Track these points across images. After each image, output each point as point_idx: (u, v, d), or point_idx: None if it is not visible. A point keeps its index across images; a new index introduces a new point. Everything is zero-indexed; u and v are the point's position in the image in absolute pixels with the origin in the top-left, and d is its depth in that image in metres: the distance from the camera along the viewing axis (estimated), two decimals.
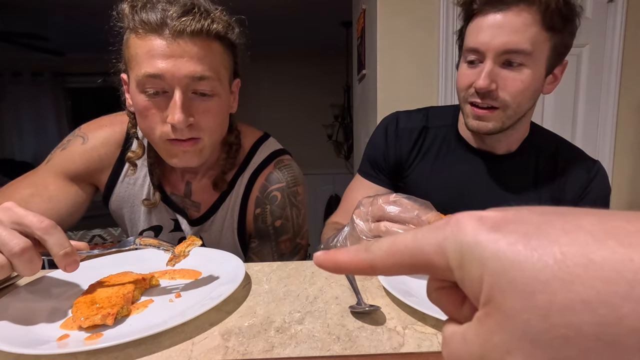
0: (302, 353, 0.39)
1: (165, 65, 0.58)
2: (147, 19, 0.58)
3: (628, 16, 1.78)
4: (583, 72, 1.84)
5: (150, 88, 0.60)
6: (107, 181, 0.76)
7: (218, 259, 0.61)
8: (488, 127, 0.72)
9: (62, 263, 0.44)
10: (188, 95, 0.61)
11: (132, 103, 0.64)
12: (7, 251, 0.41)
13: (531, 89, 0.70)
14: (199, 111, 0.62)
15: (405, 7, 1.78)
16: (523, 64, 0.67)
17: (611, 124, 1.86)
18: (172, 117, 0.59)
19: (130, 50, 0.61)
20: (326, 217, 0.93)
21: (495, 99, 0.69)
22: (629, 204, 1.95)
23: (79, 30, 3.41)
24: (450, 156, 0.84)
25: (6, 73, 4.16)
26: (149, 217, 0.78)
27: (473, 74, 0.70)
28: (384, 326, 0.44)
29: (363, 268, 0.19)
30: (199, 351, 0.39)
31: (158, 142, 0.64)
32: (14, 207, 0.44)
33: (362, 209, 0.57)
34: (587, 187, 0.79)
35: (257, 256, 0.77)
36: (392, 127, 0.87)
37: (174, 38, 0.58)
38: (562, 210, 0.15)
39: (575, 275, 0.12)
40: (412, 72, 1.83)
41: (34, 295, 0.51)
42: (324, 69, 4.26)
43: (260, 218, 0.76)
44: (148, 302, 0.50)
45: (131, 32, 0.60)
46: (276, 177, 0.77)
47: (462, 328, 0.16)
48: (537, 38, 0.66)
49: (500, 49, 0.66)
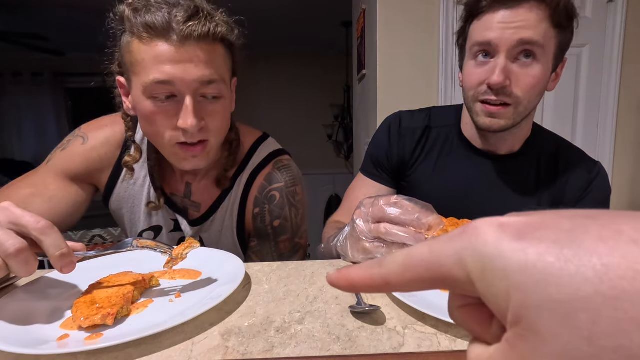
0: (302, 353, 0.39)
1: (174, 71, 0.57)
2: (153, 24, 0.56)
3: (628, 16, 1.78)
4: (583, 72, 1.84)
5: (160, 94, 0.59)
6: (108, 181, 0.76)
7: (218, 259, 0.61)
8: (500, 124, 0.71)
9: (59, 264, 0.43)
10: (197, 99, 0.61)
11: (137, 108, 0.63)
12: (2, 252, 0.40)
13: (541, 85, 0.70)
14: (207, 114, 0.63)
15: (405, 7, 1.78)
16: (536, 58, 0.67)
17: (611, 124, 1.86)
18: (184, 121, 0.59)
19: (133, 55, 0.59)
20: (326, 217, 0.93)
21: (509, 95, 0.69)
22: (629, 204, 1.95)
23: (79, 30, 3.41)
24: (452, 156, 0.84)
25: (6, 73, 4.16)
26: (149, 217, 0.78)
27: (484, 71, 0.70)
28: (384, 326, 0.44)
29: (377, 285, 0.17)
30: (199, 351, 0.39)
31: (167, 146, 0.64)
32: (11, 207, 0.43)
33: (363, 210, 0.57)
34: (587, 188, 0.79)
35: (257, 256, 0.77)
36: (395, 126, 0.87)
37: (181, 43, 0.57)
38: (594, 214, 0.13)
39: (621, 290, 0.11)
40: (412, 72, 1.83)
41: (33, 295, 0.51)
42: (324, 69, 4.26)
43: (259, 218, 0.77)
44: (148, 302, 0.50)
45: (134, 36, 0.59)
46: (275, 177, 0.77)
47: (490, 351, 0.15)
48: (547, 34, 0.67)
49: (514, 42, 0.66)
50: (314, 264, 0.63)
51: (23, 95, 4.23)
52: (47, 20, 3.20)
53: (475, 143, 0.83)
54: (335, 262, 0.64)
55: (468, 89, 0.74)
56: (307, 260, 0.70)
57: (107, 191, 0.77)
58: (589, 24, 1.80)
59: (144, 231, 0.79)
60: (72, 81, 4.36)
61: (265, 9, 2.97)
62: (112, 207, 0.79)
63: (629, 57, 1.81)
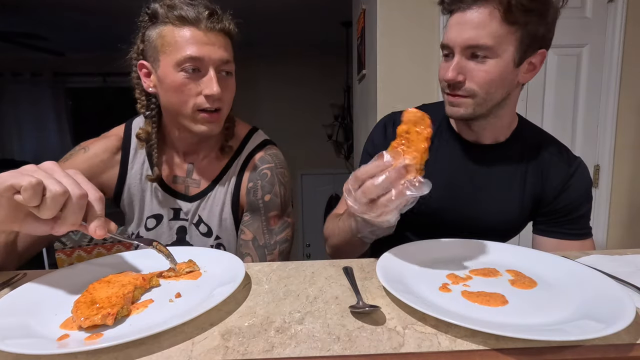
0: (302, 353, 0.39)
1: (202, 50, 0.73)
2: (187, 15, 0.73)
3: (628, 16, 1.78)
4: (583, 72, 1.84)
5: (188, 67, 0.73)
6: (117, 180, 0.87)
7: (218, 259, 0.61)
8: (460, 112, 0.77)
9: (94, 225, 0.50)
10: (218, 74, 0.76)
11: (164, 82, 0.76)
12: (73, 190, 0.48)
13: (499, 78, 0.73)
14: (223, 87, 0.77)
15: (405, 7, 1.79)
16: (487, 56, 0.72)
17: (611, 124, 1.86)
18: (210, 89, 0.74)
19: (166, 39, 0.74)
20: (326, 217, 0.95)
21: (463, 89, 0.75)
22: (629, 204, 1.95)
23: (79, 30, 3.41)
24: (442, 147, 0.87)
25: (6, 73, 4.16)
26: (151, 206, 0.88)
27: (446, 68, 0.76)
28: (384, 326, 0.44)
29: None
30: (199, 351, 0.39)
31: (190, 112, 0.77)
32: (79, 172, 0.52)
33: (346, 194, 0.58)
34: (567, 182, 0.83)
35: (248, 229, 0.86)
36: (391, 125, 0.92)
37: (208, 31, 0.74)
38: None
39: None
40: (412, 72, 1.83)
41: (34, 295, 0.51)
42: (324, 69, 4.26)
43: (252, 192, 0.87)
44: (148, 302, 0.50)
45: (167, 24, 0.74)
46: (266, 159, 0.89)
47: None
48: (498, 32, 0.70)
49: (463, 44, 0.72)
50: (314, 264, 0.63)
51: (23, 95, 4.23)
52: (47, 20, 3.19)
53: (462, 133, 0.86)
54: (335, 262, 0.64)
55: (440, 82, 0.80)
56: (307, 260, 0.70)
57: (117, 188, 0.87)
58: (589, 24, 1.80)
59: (148, 218, 0.88)
60: (72, 81, 4.36)
61: (266, 9, 2.97)
62: (125, 202, 0.88)
63: (629, 57, 1.81)
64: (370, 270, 0.60)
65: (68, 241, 1.35)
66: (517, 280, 0.54)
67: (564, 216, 0.83)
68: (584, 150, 1.87)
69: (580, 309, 0.45)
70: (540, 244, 0.85)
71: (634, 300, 0.44)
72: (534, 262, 0.60)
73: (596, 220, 1.93)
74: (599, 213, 1.93)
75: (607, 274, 0.53)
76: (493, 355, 0.39)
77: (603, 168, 1.91)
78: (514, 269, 0.58)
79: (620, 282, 0.52)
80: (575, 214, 0.83)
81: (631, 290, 0.51)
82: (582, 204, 0.84)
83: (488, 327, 0.39)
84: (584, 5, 1.80)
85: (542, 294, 0.51)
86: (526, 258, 0.61)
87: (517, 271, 0.57)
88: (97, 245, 1.37)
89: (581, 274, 0.54)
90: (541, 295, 0.51)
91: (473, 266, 0.60)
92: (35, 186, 0.45)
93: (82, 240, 1.36)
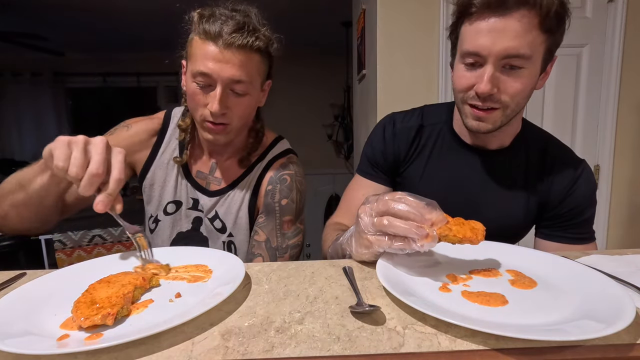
0: (302, 353, 0.39)
1: (214, 67, 0.75)
2: (209, 30, 0.74)
3: (628, 16, 1.78)
4: (583, 72, 1.84)
5: (200, 81, 0.77)
6: (146, 161, 0.92)
7: (218, 259, 0.61)
8: (488, 127, 0.74)
9: (98, 199, 0.57)
10: (227, 92, 0.77)
11: (185, 86, 0.81)
12: (91, 164, 0.56)
13: (529, 88, 0.71)
14: (232, 104, 0.79)
15: (405, 8, 1.79)
16: (522, 66, 0.68)
17: (611, 124, 1.86)
18: (211, 105, 0.77)
19: (192, 48, 0.78)
20: (326, 217, 0.96)
21: (496, 101, 0.71)
22: (629, 204, 1.95)
23: (79, 30, 3.41)
24: (444, 152, 0.86)
25: (6, 73, 4.16)
26: (174, 192, 0.92)
27: (473, 77, 0.71)
28: (384, 326, 0.44)
29: None
30: (199, 351, 0.39)
31: (198, 119, 0.82)
32: (122, 153, 0.60)
33: (368, 205, 0.58)
34: (573, 186, 0.81)
35: (263, 230, 0.88)
36: (390, 127, 0.90)
37: (225, 48, 0.74)
38: None
39: None
40: (412, 72, 1.83)
41: (33, 295, 0.51)
42: (324, 69, 4.26)
43: (270, 194, 0.90)
44: (148, 302, 0.50)
45: (195, 34, 0.77)
46: (288, 166, 0.92)
47: None
48: (535, 41, 0.67)
49: (501, 54, 0.67)
50: (314, 264, 0.63)
51: (23, 95, 4.23)
52: (47, 20, 3.20)
53: (466, 139, 0.84)
54: (335, 262, 0.64)
55: (457, 91, 0.75)
56: (307, 260, 0.70)
57: (144, 169, 0.92)
58: (589, 24, 1.80)
59: (168, 203, 0.92)
60: (72, 81, 4.37)
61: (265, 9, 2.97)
62: (146, 183, 0.92)
63: (629, 57, 1.81)
64: (370, 270, 0.60)
65: (68, 241, 1.35)
66: (517, 280, 0.54)
67: (569, 220, 0.82)
68: (584, 150, 1.87)
69: (580, 309, 0.45)
70: (542, 248, 0.84)
71: (634, 300, 0.44)
72: (534, 262, 0.60)
73: (596, 220, 1.91)
74: (599, 213, 1.92)
75: (607, 274, 0.53)
76: (493, 355, 0.39)
77: (603, 168, 1.91)
78: (514, 269, 0.58)
79: (620, 282, 0.52)
80: (579, 218, 0.82)
81: (631, 290, 0.51)
82: (587, 208, 0.82)
83: (488, 327, 0.39)
84: (584, 5, 1.80)
85: (542, 294, 0.51)
86: (526, 258, 0.61)
87: (517, 271, 0.57)
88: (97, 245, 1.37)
89: (581, 274, 0.54)
90: (541, 295, 0.51)
91: (473, 266, 0.60)
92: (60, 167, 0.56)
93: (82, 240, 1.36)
